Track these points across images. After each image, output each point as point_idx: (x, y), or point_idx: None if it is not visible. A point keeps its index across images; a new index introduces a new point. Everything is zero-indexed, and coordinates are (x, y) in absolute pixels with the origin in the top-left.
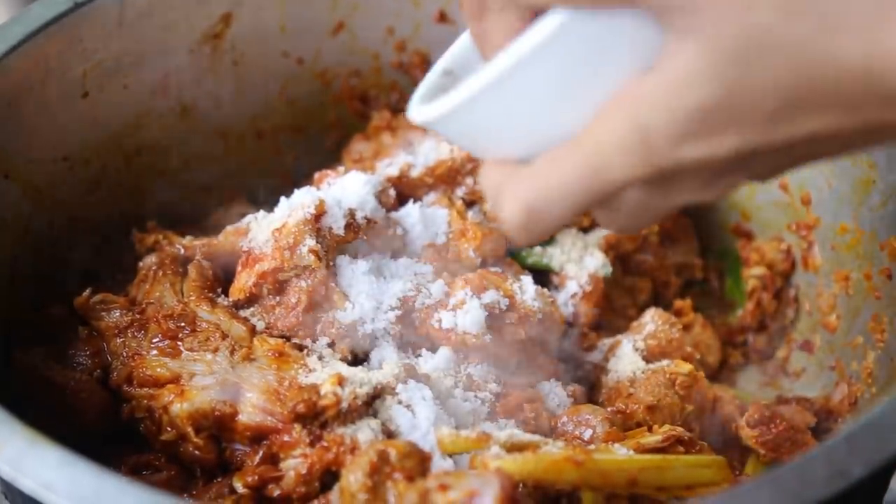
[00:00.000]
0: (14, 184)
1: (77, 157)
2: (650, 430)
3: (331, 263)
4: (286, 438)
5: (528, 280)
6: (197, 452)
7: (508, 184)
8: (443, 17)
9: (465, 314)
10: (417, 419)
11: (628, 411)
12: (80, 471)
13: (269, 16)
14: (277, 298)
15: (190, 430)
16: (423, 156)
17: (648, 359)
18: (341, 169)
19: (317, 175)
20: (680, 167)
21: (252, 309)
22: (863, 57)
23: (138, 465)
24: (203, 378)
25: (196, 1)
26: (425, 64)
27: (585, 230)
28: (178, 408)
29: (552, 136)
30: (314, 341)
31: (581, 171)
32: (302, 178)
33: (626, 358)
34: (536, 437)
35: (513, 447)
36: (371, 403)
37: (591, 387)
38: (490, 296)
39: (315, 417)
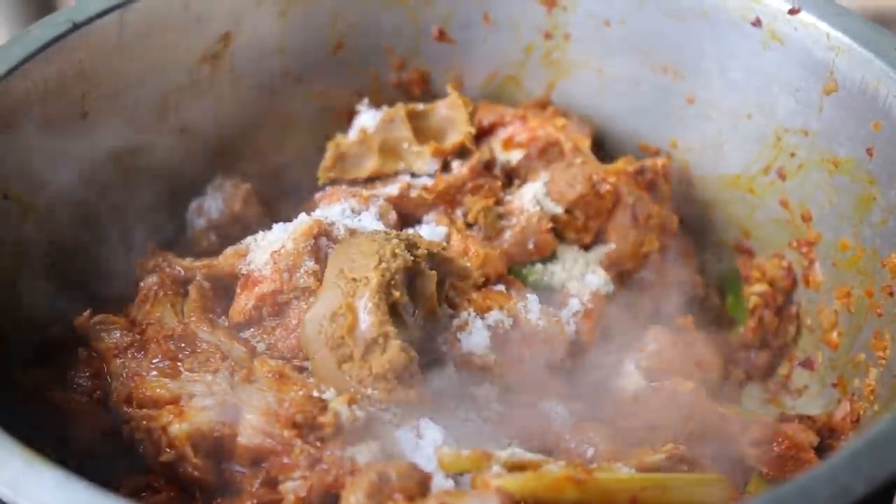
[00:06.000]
0: (14, 204)
1: (77, 177)
2: (653, 448)
3: None
4: (285, 461)
5: (533, 299)
6: (196, 473)
7: None
8: (442, 36)
9: (470, 335)
10: (424, 441)
11: (630, 429)
12: (78, 492)
13: (269, 35)
14: (278, 320)
15: (189, 450)
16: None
17: (651, 377)
18: (341, 188)
19: (317, 195)
20: None
21: (252, 330)
22: None
23: (138, 486)
24: (203, 399)
25: (195, 21)
26: (425, 82)
27: (587, 247)
28: (177, 428)
29: None
30: None
31: None
32: (302, 197)
33: (628, 376)
34: (538, 456)
35: (514, 466)
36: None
37: (593, 405)
38: (494, 316)
39: (312, 430)
